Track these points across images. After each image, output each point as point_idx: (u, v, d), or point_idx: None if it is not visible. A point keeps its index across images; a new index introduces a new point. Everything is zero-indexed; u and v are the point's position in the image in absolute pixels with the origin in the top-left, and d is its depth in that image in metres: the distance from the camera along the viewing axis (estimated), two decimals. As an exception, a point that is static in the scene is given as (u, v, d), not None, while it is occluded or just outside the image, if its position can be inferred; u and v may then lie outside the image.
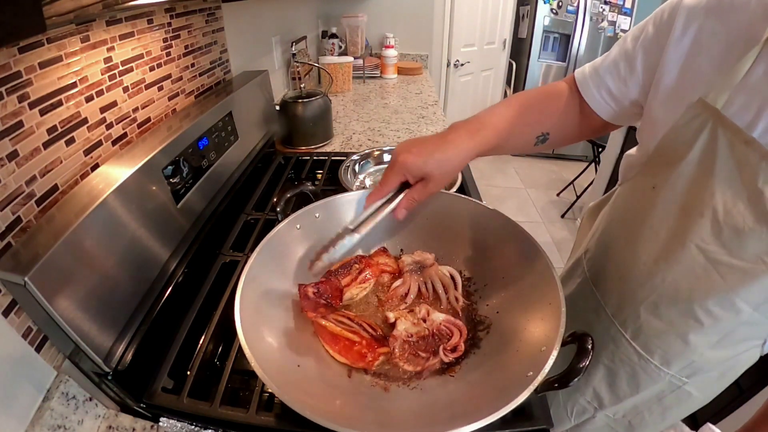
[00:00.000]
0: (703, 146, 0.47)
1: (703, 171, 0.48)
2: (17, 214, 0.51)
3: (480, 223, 0.65)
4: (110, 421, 0.55)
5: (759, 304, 0.49)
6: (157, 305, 0.64)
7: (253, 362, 0.41)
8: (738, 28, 0.45)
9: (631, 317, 0.62)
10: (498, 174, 3.36)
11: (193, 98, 0.95)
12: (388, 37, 2.18)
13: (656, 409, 0.69)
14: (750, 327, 0.53)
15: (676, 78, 0.51)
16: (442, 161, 0.54)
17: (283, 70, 1.60)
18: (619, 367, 0.67)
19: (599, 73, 0.60)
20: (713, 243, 0.49)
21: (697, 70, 0.49)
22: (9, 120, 0.50)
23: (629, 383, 0.67)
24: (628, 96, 0.58)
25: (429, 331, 0.54)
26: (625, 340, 0.64)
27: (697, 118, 0.47)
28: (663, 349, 0.60)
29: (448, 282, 0.62)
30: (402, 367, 0.51)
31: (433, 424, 0.42)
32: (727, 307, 0.51)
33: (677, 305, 0.55)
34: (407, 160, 0.54)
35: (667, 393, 0.65)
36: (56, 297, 0.46)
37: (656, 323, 0.59)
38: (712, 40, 0.47)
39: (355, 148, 1.31)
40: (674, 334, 0.58)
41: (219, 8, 1.03)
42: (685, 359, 0.59)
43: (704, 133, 0.47)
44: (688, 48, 0.49)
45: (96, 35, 0.64)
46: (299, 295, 0.55)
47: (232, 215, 0.93)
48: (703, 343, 0.56)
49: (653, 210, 0.55)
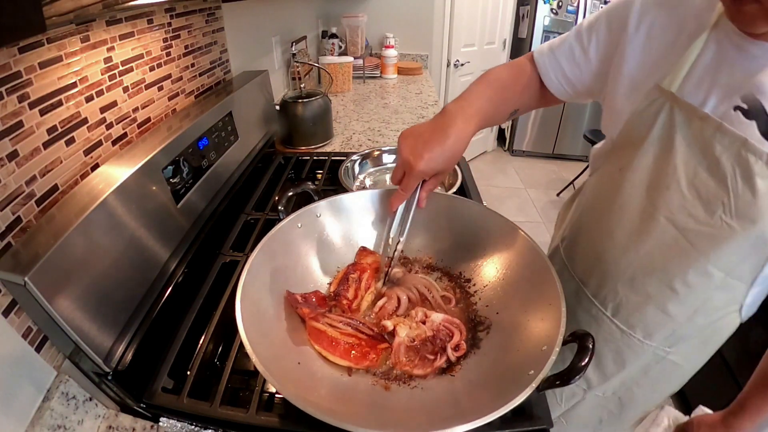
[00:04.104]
0: (663, 126, 0.52)
1: (664, 148, 0.53)
2: (17, 214, 0.51)
3: (479, 224, 0.65)
4: (110, 421, 0.55)
5: (730, 269, 0.52)
6: (157, 305, 0.64)
7: (255, 360, 0.41)
8: (686, 19, 0.51)
9: (610, 294, 0.65)
10: (498, 174, 3.36)
11: (193, 98, 0.95)
12: (388, 37, 2.18)
13: (644, 382, 0.71)
14: (725, 292, 0.56)
15: (634, 69, 0.56)
16: (449, 154, 0.56)
17: (283, 70, 1.60)
18: (603, 346, 0.69)
19: (555, 55, 0.64)
20: (680, 212, 0.52)
21: (653, 59, 0.54)
22: (9, 120, 0.50)
23: (615, 360, 0.69)
24: (582, 81, 0.64)
25: (431, 332, 0.54)
26: (606, 318, 0.67)
27: (655, 102, 0.52)
28: (644, 323, 0.63)
29: (428, 283, 0.62)
30: (412, 374, 0.51)
31: (434, 423, 0.42)
32: (700, 273, 0.54)
33: (653, 277, 0.58)
34: (425, 168, 0.55)
35: (653, 365, 0.68)
36: (56, 297, 0.46)
37: (634, 297, 0.62)
38: (665, 31, 0.53)
39: (355, 148, 1.31)
40: (653, 306, 0.60)
41: (219, 8, 1.03)
42: (667, 329, 0.62)
43: (662, 114, 0.52)
44: (643, 41, 0.55)
45: (96, 35, 0.64)
46: (290, 302, 0.55)
47: (232, 215, 0.93)
48: (682, 313, 0.59)
49: (621, 190, 0.59)
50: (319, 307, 0.57)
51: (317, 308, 0.56)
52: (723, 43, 0.47)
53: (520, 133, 3.43)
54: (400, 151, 0.56)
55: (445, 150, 0.55)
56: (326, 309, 0.58)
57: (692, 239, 0.52)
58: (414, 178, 0.57)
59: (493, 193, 3.09)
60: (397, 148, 0.57)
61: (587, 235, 0.70)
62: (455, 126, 0.56)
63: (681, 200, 0.52)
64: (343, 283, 0.61)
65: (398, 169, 0.58)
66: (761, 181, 0.45)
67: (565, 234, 0.79)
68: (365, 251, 0.67)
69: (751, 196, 0.46)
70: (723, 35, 0.47)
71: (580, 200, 0.76)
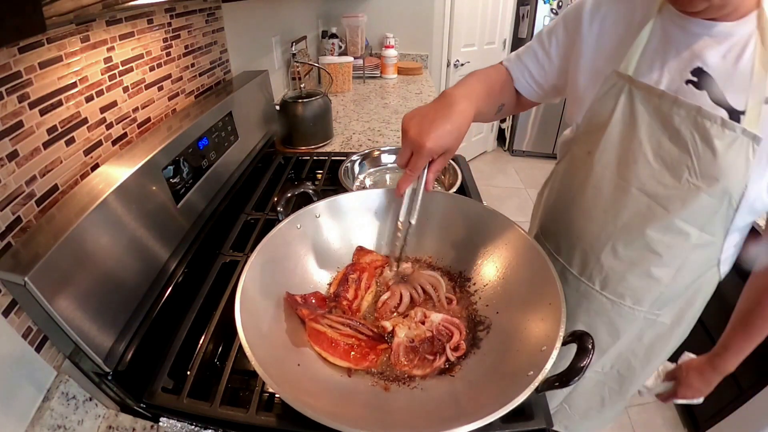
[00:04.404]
0: (624, 107, 0.58)
1: (628, 127, 0.58)
2: (17, 214, 0.51)
3: (479, 223, 0.65)
4: (110, 421, 0.55)
5: (703, 225, 0.57)
6: (157, 305, 0.64)
7: (254, 361, 0.41)
8: (634, 10, 0.58)
9: (596, 269, 0.69)
10: (498, 174, 3.36)
11: (193, 98, 0.95)
12: (388, 37, 2.18)
13: (639, 350, 0.76)
14: (702, 249, 0.60)
15: (592, 60, 0.62)
16: (456, 132, 0.56)
17: (283, 70, 1.60)
18: (595, 319, 0.73)
19: (522, 60, 0.71)
20: (650, 182, 0.58)
21: (608, 50, 0.60)
22: (9, 120, 0.50)
23: (609, 333, 0.73)
24: (547, 80, 0.70)
25: (430, 332, 0.54)
26: (596, 292, 0.71)
27: (615, 86, 0.59)
28: (632, 290, 0.67)
29: (436, 282, 0.62)
30: (411, 374, 0.51)
31: (434, 424, 0.42)
32: (676, 232, 0.59)
33: (633, 244, 0.63)
34: (433, 146, 0.54)
35: (646, 330, 0.72)
36: (56, 297, 0.46)
37: (619, 266, 0.66)
38: (616, 23, 0.60)
39: (355, 148, 1.31)
40: (638, 272, 0.65)
41: (219, 8, 1.03)
42: (653, 293, 0.66)
43: (622, 96, 0.58)
44: (597, 33, 0.61)
45: (96, 35, 0.64)
46: (290, 303, 0.55)
47: (232, 215, 0.93)
48: (666, 274, 0.63)
49: (593, 171, 0.64)
50: (318, 308, 0.57)
51: (317, 309, 0.56)
52: (667, 26, 0.54)
53: (520, 133, 3.42)
54: (406, 132, 0.56)
55: (453, 127, 0.55)
56: (326, 310, 0.58)
57: (665, 203, 0.57)
58: (423, 157, 0.56)
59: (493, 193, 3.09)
60: (402, 129, 0.57)
61: (565, 217, 0.73)
62: (459, 104, 0.56)
63: (649, 171, 0.57)
64: (342, 283, 0.61)
65: (405, 151, 0.57)
66: (719, 141, 0.51)
67: (543, 221, 0.83)
68: (363, 251, 0.67)
69: (711, 156, 0.52)
70: (667, 19, 0.54)
71: (552, 187, 0.81)
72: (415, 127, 0.55)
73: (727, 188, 0.53)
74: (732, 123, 0.50)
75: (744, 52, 0.49)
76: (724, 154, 0.51)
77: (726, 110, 0.51)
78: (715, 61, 0.51)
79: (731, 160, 0.51)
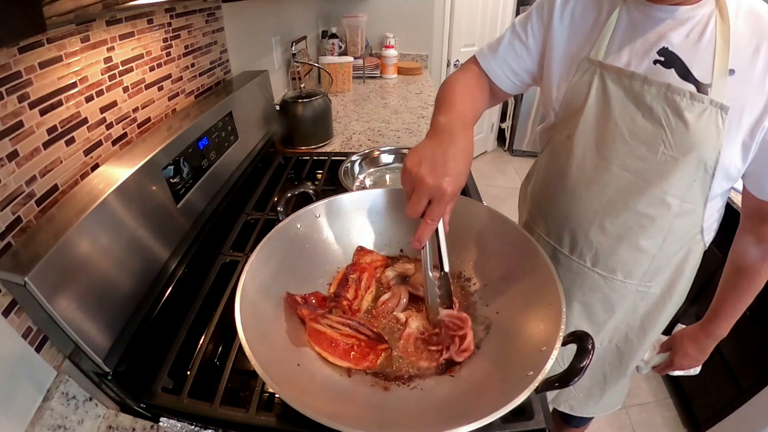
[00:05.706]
0: (597, 91, 0.62)
1: (602, 109, 0.62)
2: (17, 214, 0.51)
3: (479, 223, 0.65)
4: (110, 421, 0.55)
5: (683, 194, 0.60)
6: (157, 305, 0.64)
7: (254, 361, 0.41)
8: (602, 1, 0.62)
9: (586, 246, 0.72)
10: (498, 174, 3.36)
11: (193, 98, 0.95)
12: (388, 37, 2.18)
13: (635, 322, 0.78)
14: (685, 218, 0.64)
15: (564, 51, 0.66)
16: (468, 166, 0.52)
17: (283, 70, 1.60)
18: (590, 296, 0.76)
19: (500, 54, 0.72)
20: (629, 158, 0.61)
21: (579, 39, 0.64)
22: (9, 120, 0.50)
23: (604, 308, 0.76)
24: (527, 70, 0.72)
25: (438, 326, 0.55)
26: (587, 269, 0.73)
27: (587, 72, 0.62)
28: (622, 263, 0.70)
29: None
30: (417, 364, 0.52)
31: (433, 424, 0.42)
32: (658, 203, 0.62)
33: (619, 218, 0.66)
34: (455, 189, 0.50)
35: (639, 301, 0.75)
36: (56, 297, 0.46)
37: (608, 241, 0.69)
38: (585, 14, 0.63)
39: (355, 148, 1.31)
40: (627, 245, 0.68)
41: (219, 8, 1.03)
42: (643, 265, 0.69)
43: (595, 80, 0.61)
44: (568, 24, 0.65)
45: (96, 35, 0.64)
46: (290, 303, 0.55)
47: (232, 215, 0.93)
48: (653, 245, 0.67)
49: (574, 154, 0.67)
50: (318, 308, 0.57)
51: (317, 309, 0.56)
52: (632, 14, 0.59)
53: (520, 133, 3.42)
54: (420, 180, 0.49)
55: (466, 163, 0.51)
56: (326, 310, 0.58)
57: (645, 177, 0.61)
58: (445, 204, 0.50)
59: (493, 193, 3.09)
60: (410, 175, 0.50)
61: (551, 200, 0.76)
62: (459, 135, 0.53)
63: (627, 148, 0.61)
64: (342, 283, 0.61)
65: (420, 199, 0.49)
66: (689, 113, 0.55)
67: (530, 207, 0.85)
68: (363, 251, 0.67)
69: (684, 128, 0.55)
70: (632, 7, 0.59)
71: (537, 175, 0.83)
72: (430, 173, 0.49)
73: (702, 156, 0.56)
74: (700, 95, 0.54)
75: (705, 30, 0.54)
76: (696, 125, 0.54)
77: (693, 84, 0.54)
78: (680, 40, 0.55)
79: (703, 129, 0.54)
